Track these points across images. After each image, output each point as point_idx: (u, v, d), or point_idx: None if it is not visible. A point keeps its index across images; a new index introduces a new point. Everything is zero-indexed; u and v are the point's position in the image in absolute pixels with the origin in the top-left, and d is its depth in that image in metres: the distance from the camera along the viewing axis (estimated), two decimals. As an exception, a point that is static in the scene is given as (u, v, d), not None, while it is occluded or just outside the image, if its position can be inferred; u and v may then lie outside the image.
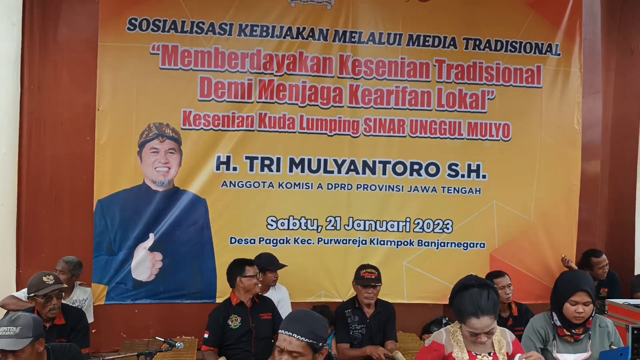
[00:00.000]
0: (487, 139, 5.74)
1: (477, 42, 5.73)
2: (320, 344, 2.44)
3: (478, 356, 3.14)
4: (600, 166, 6.24)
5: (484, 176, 5.73)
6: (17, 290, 4.91)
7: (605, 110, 6.22)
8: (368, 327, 4.57)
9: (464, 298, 3.04)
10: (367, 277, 4.60)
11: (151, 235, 5.32)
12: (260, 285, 4.61)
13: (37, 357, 3.11)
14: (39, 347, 3.13)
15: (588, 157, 6.09)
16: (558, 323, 3.45)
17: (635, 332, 4.54)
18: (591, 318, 3.42)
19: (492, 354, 3.16)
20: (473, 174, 5.73)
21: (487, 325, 3.00)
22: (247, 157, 5.43)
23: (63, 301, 4.21)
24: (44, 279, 3.99)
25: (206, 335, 4.29)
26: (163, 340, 3.80)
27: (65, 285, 4.32)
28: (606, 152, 6.26)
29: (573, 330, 3.42)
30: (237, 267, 4.53)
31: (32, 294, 3.89)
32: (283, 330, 2.45)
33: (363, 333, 4.56)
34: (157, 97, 5.30)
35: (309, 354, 2.40)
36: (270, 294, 4.95)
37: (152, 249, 5.31)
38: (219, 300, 5.19)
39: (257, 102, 5.41)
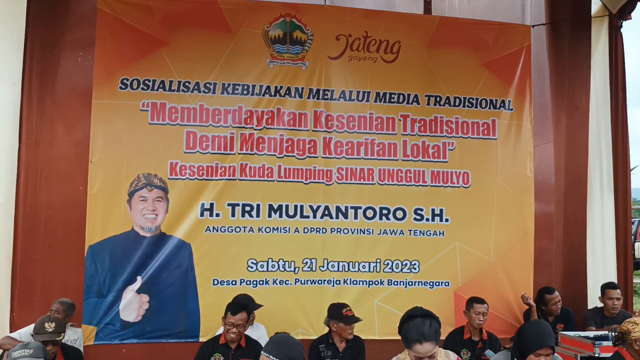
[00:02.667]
0: (448, 186, 6.25)
1: (438, 99, 6.30)
2: None
3: (424, 379, 3.53)
4: (554, 209, 6.68)
5: (446, 220, 6.22)
6: (11, 332, 5.15)
7: (557, 158, 6.72)
8: None
9: (410, 327, 3.39)
10: (349, 315, 4.96)
11: (139, 278, 5.63)
12: (236, 332, 4.61)
13: None
14: None
15: (542, 202, 6.57)
16: None
17: (585, 361, 5.04)
18: None
19: (438, 376, 3.57)
20: (437, 218, 6.21)
21: (429, 350, 3.36)
22: (229, 204, 5.83)
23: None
24: (46, 325, 4.27)
25: (192, 366, 4.60)
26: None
27: (62, 334, 4.45)
28: (559, 196, 6.71)
29: None
30: (225, 310, 4.73)
31: (32, 335, 4.02)
32: (263, 352, 2.86)
33: None
34: (146, 150, 5.71)
35: None
36: (249, 332, 5.14)
37: (139, 291, 5.62)
38: (202, 339, 5.49)
39: (239, 153, 5.85)
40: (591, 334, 5.32)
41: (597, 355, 4.91)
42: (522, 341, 3.76)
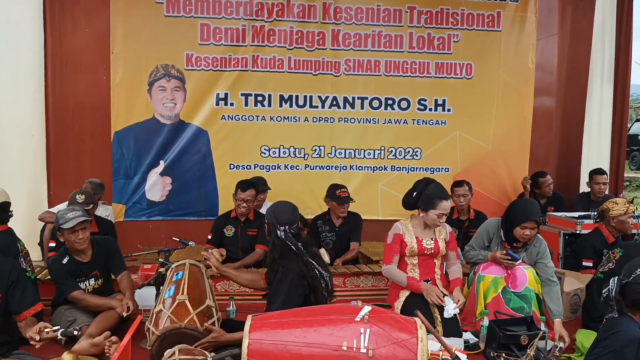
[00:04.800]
0: (452, 77, 6.51)
1: (445, -10, 6.42)
2: (278, 226, 3.37)
3: (423, 241, 4.07)
4: (554, 101, 6.95)
5: (448, 110, 6.55)
6: (50, 207, 5.75)
7: (560, 51, 6.87)
8: (337, 235, 5.42)
9: (432, 190, 4.02)
10: (342, 196, 5.37)
11: (161, 162, 6.15)
12: (245, 207, 5.06)
13: (88, 240, 3.96)
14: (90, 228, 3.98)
15: (543, 93, 6.85)
16: (503, 238, 4.28)
17: (567, 237, 5.53)
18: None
19: (433, 239, 4.11)
20: (439, 108, 6.53)
21: (450, 207, 4.02)
22: (242, 94, 6.20)
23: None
24: (77, 197, 4.75)
25: (209, 237, 5.17)
26: (178, 240, 4.64)
27: (91, 205, 4.83)
28: (561, 89, 6.96)
29: (514, 244, 4.23)
30: (235, 187, 5.21)
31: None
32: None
33: (333, 240, 5.42)
34: (163, 41, 6.01)
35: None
36: (262, 210, 5.61)
37: (162, 173, 6.16)
38: (221, 216, 6.06)
39: (251, 45, 6.12)
40: (576, 214, 5.77)
41: (578, 232, 5.39)
42: (511, 214, 4.23)
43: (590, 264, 4.60)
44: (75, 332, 3.18)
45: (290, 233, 3.38)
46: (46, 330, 3.06)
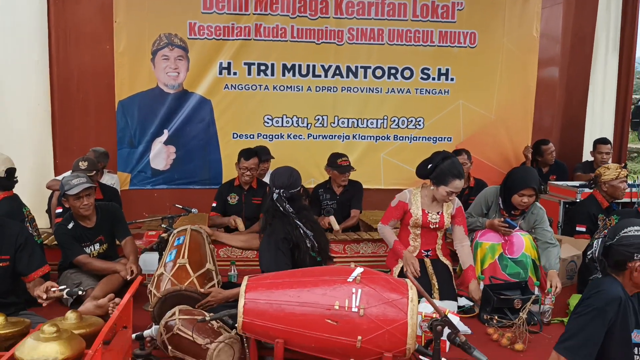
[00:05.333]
0: (455, 46, 6.49)
1: (449, -43, 6.35)
2: (274, 189, 3.43)
3: (429, 214, 4.11)
4: (558, 71, 6.92)
5: (452, 79, 6.53)
6: (56, 176, 5.84)
7: (565, 19, 6.81)
8: (338, 203, 5.48)
9: (448, 165, 3.94)
10: (344, 164, 5.40)
11: (165, 131, 6.21)
12: (249, 175, 5.12)
13: (93, 206, 4.05)
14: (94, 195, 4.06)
15: (547, 63, 6.81)
16: (502, 206, 4.33)
17: (567, 205, 5.57)
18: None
19: (440, 214, 4.13)
20: (442, 77, 6.52)
21: (462, 186, 3.98)
22: (245, 63, 6.21)
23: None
24: (80, 164, 4.82)
25: (214, 204, 5.24)
26: (181, 207, 4.72)
27: (94, 172, 4.88)
28: (565, 58, 6.92)
29: (512, 212, 4.30)
30: (238, 155, 5.25)
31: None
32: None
33: (334, 208, 5.48)
34: (165, 10, 6.01)
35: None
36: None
37: (166, 142, 6.22)
38: (225, 184, 6.13)
39: (253, 14, 6.11)
40: (577, 183, 5.80)
41: (578, 200, 5.42)
42: (510, 182, 4.28)
43: (584, 229, 4.64)
44: (80, 292, 3.28)
45: (283, 196, 3.42)
46: (52, 289, 3.18)
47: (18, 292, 3.43)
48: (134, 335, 3.10)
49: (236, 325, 2.67)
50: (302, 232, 3.37)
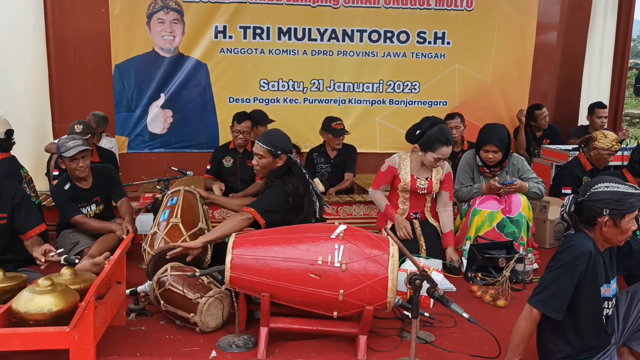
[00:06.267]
0: (452, 9, 6.45)
1: None
2: (278, 152, 3.40)
3: (418, 180, 4.16)
4: (556, 35, 6.90)
5: (448, 43, 6.52)
6: (55, 139, 5.91)
7: (564, -19, 6.78)
8: (332, 166, 5.56)
9: (436, 131, 3.94)
10: (338, 128, 5.47)
11: (162, 95, 6.24)
12: (242, 138, 5.25)
13: (88, 168, 4.13)
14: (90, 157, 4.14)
15: (545, 27, 6.78)
16: (479, 163, 4.40)
17: (558, 168, 5.62)
18: (506, 160, 4.32)
19: (428, 179, 4.18)
20: (439, 41, 6.51)
21: (449, 152, 4.00)
22: (240, 27, 6.20)
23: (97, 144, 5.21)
24: (75, 127, 4.87)
25: (208, 167, 5.34)
26: (177, 169, 4.82)
27: (89, 135, 4.89)
28: (562, 21, 6.88)
29: (491, 168, 4.36)
30: (232, 119, 5.37)
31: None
32: (256, 141, 3.47)
33: (328, 171, 5.58)
34: (159, -28, 5.99)
35: (269, 157, 3.41)
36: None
37: (163, 106, 6.26)
38: (221, 148, 6.20)
39: (248, -24, 6.09)
40: (571, 147, 5.85)
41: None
42: (478, 139, 4.37)
43: (569, 191, 4.70)
44: (77, 261, 3.37)
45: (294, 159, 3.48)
46: (51, 254, 3.30)
47: (16, 250, 3.55)
48: (128, 291, 3.22)
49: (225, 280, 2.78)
50: (314, 192, 3.42)
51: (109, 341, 2.82)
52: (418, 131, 4.05)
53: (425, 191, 4.16)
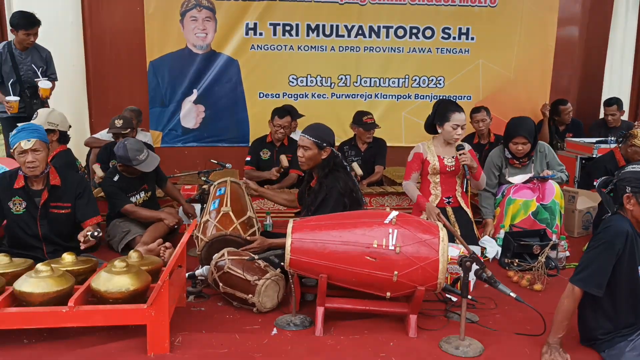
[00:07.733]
0: (476, 5, 6.61)
1: None
2: (324, 144, 3.53)
3: (444, 159, 4.34)
4: (577, 30, 7.04)
5: (472, 38, 6.68)
6: (92, 134, 6.12)
7: (587, -21, 6.90)
8: (363, 159, 5.72)
9: (446, 103, 4.25)
10: (369, 122, 5.64)
11: (194, 90, 6.45)
12: (282, 133, 5.48)
13: None
14: None
15: (567, 23, 6.91)
16: (508, 156, 4.58)
17: (583, 161, 5.76)
18: (533, 150, 4.50)
19: (454, 157, 4.35)
20: (463, 37, 6.67)
21: (464, 119, 4.20)
22: (270, 24, 6.39)
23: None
24: (115, 122, 5.12)
25: (248, 158, 5.54)
26: (216, 162, 5.00)
27: (129, 129, 5.15)
28: (584, 17, 7.01)
29: (520, 160, 4.54)
30: (272, 113, 5.56)
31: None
32: (301, 133, 3.63)
33: (359, 164, 5.64)
34: (192, -28, 6.17)
35: (315, 149, 3.54)
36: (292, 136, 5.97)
37: (196, 102, 6.47)
38: (252, 142, 6.37)
39: (278, -26, 6.25)
40: (594, 139, 5.99)
41: (595, 156, 5.62)
42: (506, 132, 4.57)
43: (601, 184, 4.84)
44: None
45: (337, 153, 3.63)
46: (87, 232, 3.47)
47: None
48: (186, 275, 3.41)
49: (282, 264, 2.96)
50: (357, 187, 3.58)
51: (175, 320, 3.00)
52: (430, 114, 4.32)
53: (454, 169, 4.31)
